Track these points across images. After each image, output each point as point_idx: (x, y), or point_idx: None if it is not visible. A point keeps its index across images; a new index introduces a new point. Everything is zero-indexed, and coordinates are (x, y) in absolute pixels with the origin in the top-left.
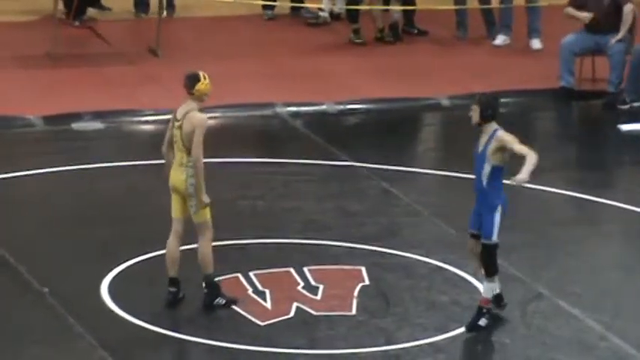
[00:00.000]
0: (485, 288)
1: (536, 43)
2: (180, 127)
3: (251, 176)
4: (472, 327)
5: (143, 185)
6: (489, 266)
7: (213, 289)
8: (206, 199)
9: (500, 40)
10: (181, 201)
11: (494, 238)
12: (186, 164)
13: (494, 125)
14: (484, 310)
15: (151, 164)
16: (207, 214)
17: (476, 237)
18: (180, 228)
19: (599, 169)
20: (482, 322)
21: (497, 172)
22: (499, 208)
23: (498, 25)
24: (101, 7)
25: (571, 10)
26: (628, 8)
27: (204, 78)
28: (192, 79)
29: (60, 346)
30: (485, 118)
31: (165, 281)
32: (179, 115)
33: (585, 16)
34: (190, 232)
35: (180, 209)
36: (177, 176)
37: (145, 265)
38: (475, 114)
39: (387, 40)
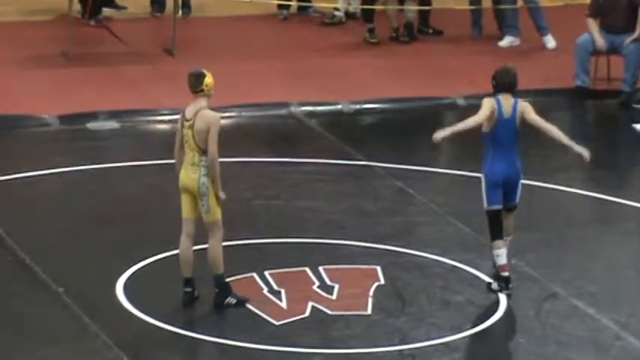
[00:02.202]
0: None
1: (549, 41)
2: (191, 127)
3: (266, 176)
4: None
5: (159, 185)
6: (489, 230)
7: (224, 289)
8: (222, 195)
9: (506, 41)
10: (192, 201)
11: (484, 205)
12: (199, 163)
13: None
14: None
15: (166, 164)
16: (218, 213)
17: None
18: (191, 228)
19: (615, 168)
20: (494, 285)
21: (484, 139)
22: (483, 176)
23: (504, 27)
24: (117, 7)
25: (592, 26)
26: None
27: (208, 72)
28: (199, 77)
29: (75, 345)
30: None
31: (180, 280)
32: (189, 115)
33: (601, 44)
34: (203, 232)
35: (190, 209)
36: (189, 175)
37: (161, 265)
38: None
39: (402, 39)
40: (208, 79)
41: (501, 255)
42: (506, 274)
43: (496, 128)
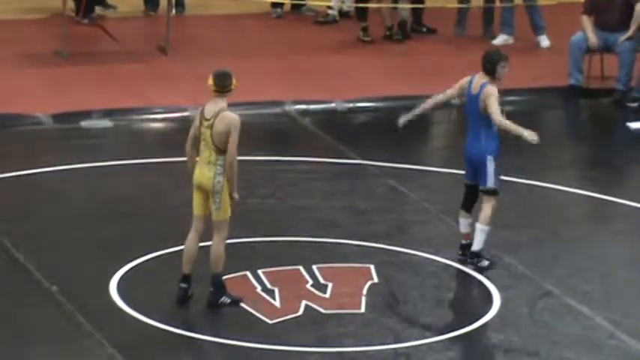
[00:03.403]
0: None
1: (543, 41)
2: (210, 127)
3: (260, 174)
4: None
5: (153, 183)
6: None
7: (219, 289)
8: (236, 196)
9: (500, 39)
10: (204, 198)
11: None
12: (215, 162)
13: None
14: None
15: (160, 162)
16: (228, 212)
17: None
18: (201, 225)
19: (608, 167)
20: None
21: None
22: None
23: (497, 24)
24: (106, 6)
25: (586, 23)
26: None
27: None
28: (228, 77)
29: (69, 344)
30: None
31: (174, 279)
32: (208, 114)
33: (593, 42)
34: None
35: (202, 207)
36: (205, 174)
37: (155, 263)
38: None
39: (396, 38)
40: (234, 80)
41: (461, 223)
42: (463, 242)
43: (466, 103)
